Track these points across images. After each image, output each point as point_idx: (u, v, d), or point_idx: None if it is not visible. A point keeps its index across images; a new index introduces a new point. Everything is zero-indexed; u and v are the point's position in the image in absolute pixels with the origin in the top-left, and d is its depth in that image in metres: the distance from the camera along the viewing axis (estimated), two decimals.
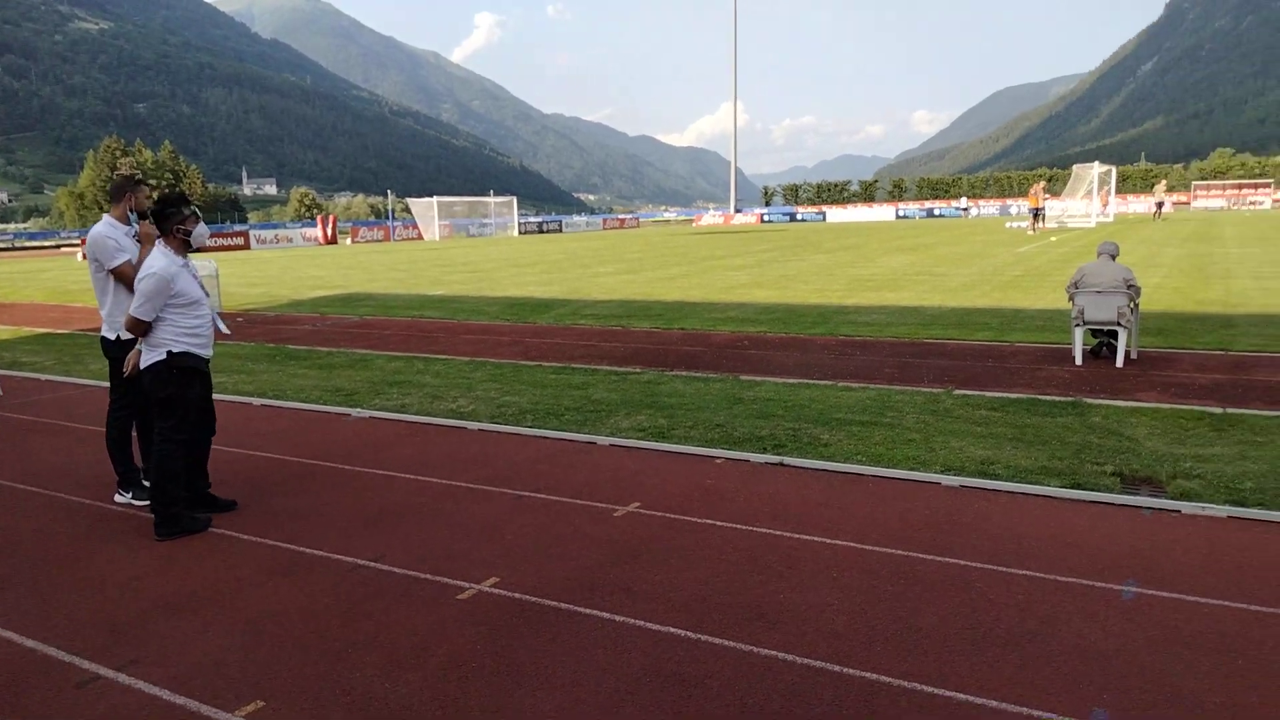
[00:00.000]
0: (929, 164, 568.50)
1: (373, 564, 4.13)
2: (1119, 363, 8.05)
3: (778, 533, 4.38)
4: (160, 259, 4.55)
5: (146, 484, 4.99)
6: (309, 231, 52.59)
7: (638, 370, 8.68)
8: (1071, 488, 4.90)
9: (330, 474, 5.61)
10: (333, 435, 6.59)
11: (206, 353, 4.73)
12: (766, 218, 69.71)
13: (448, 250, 37.94)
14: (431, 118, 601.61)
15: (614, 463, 5.65)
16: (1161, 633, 3.27)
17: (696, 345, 10.20)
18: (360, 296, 17.53)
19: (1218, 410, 6.38)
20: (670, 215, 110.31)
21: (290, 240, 50.60)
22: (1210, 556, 3.94)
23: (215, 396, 5.06)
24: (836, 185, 72.86)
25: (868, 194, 71.11)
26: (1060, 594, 3.63)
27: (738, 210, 73.18)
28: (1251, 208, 52.88)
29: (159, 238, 4.67)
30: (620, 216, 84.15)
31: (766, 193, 75.93)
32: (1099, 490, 4.85)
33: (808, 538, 4.30)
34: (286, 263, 31.68)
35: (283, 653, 3.32)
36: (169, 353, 4.53)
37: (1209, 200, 55.81)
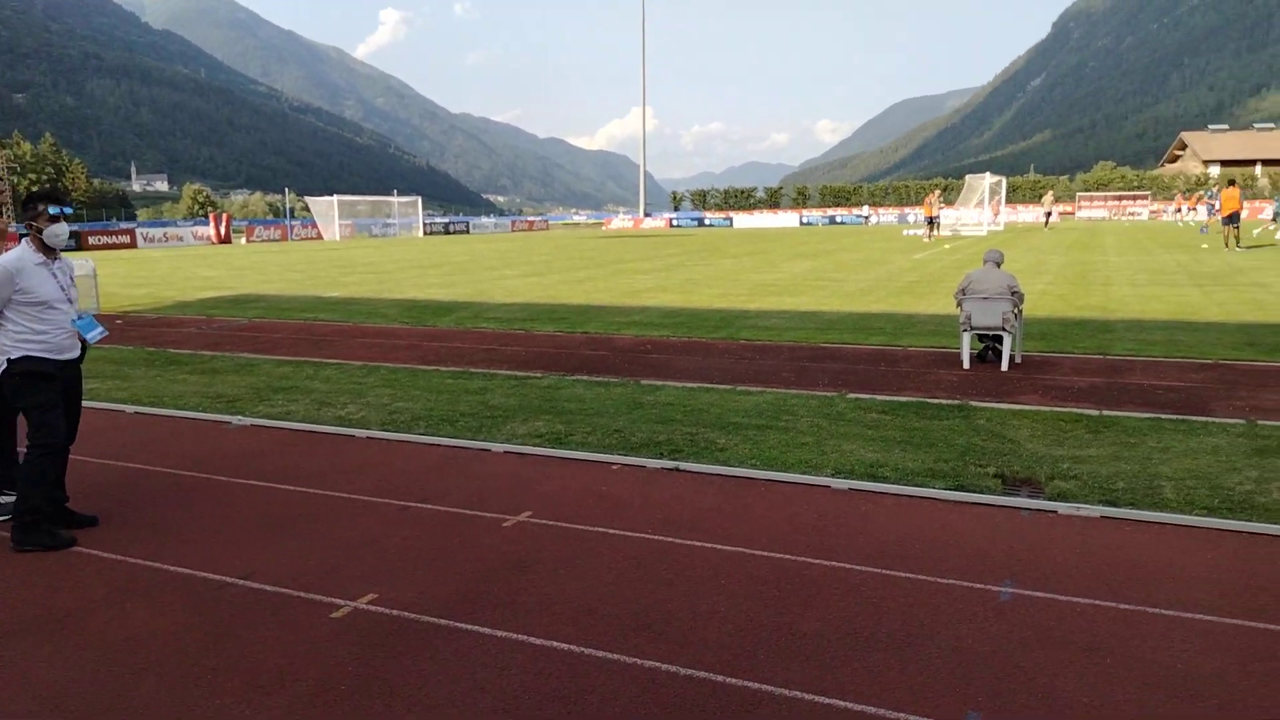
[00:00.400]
0: (832, 172, 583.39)
1: (241, 582, 3.91)
2: (1004, 367, 8.33)
3: (669, 540, 4.33)
4: (11, 254, 4.30)
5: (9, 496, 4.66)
6: (201, 230, 50.48)
7: (538, 375, 8.56)
8: (955, 489, 5.01)
9: (203, 485, 5.32)
10: (210, 444, 6.26)
11: (60, 356, 4.43)
12: (675, 222, 70.27)
13: (348, 251, 36.93)
14: (334, 115, 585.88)
15: (507, 470, 5.53)
16: (1035, 633, 3.35)
17: (600, 349, 10.13)
18: (251, 298, 16.85)
19: (1094, 413, 6.65)
20: (580, 218, 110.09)
21: (180, 239, 48.45)
22: (1083, 556, 4.06)
23: (85, 404, 4.74)
24: (743, 191, 73.98)
25: (773, 200, 72.43)
26: (940, 595, 3.68)
27: (647, 214, 73.57)
28: (1130, 218, 55.95)
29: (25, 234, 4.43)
30: (530, 219, 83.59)
31: (676, 197, 76.54)
32: (981, 492, 4.97)
33: (698, 544, 4.27)
34: (175, 262, 30.31)
35: (136, 679, 3.09)
36: (8, 360, 4.26)
37: (1092, 210, 58.82)
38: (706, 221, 69.19)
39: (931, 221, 34.95)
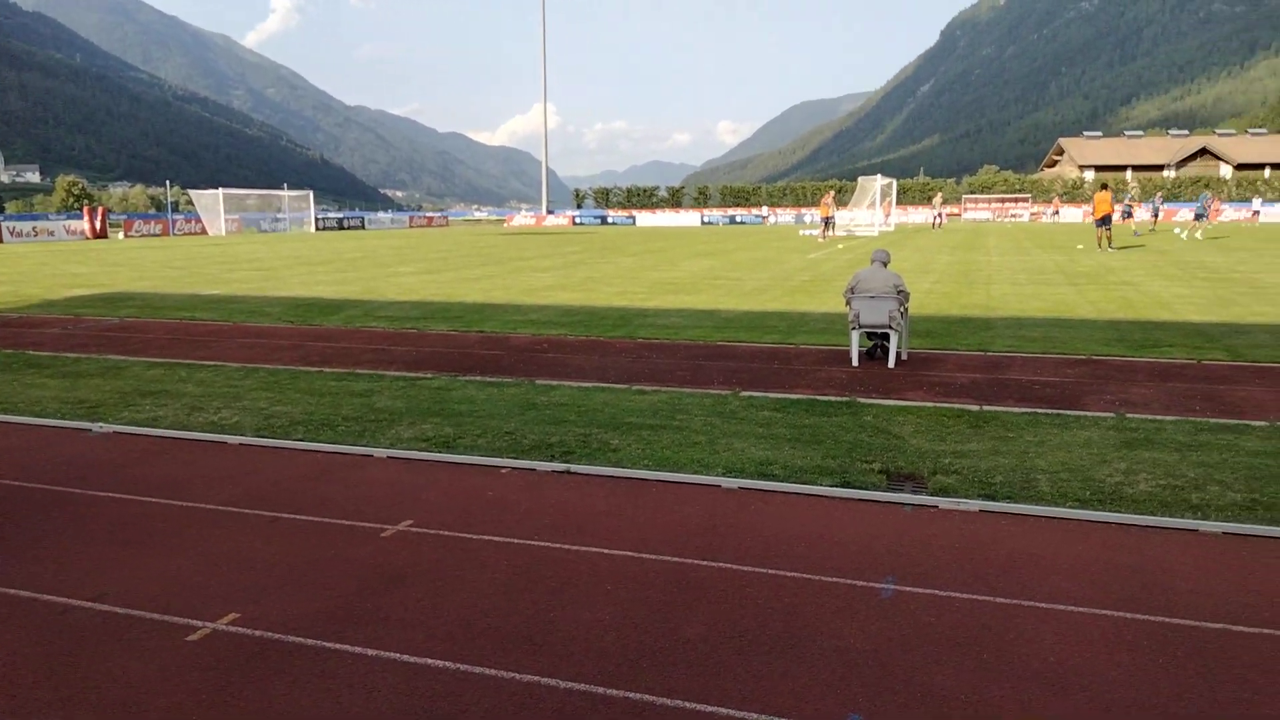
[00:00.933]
0: (732, 173, 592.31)
1: (90, 605, 3.61)
2: (890, 364, 8.52)
3: (556, 545, 4.22)
4: None
5: None
6: (74, 224, 47.54)
7: (429, 375, 8.31)
8: (842, 486, 5.06)
9: (57, 499, 4.92)
10: (67, 454, 5.82)
11: None
12: (578, 220, 70.04)
13: (233, 246, 35.40)
14: (221, 104, 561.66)
15: (390, 477, 5.31)
16: (916, 630, 3.37)
17: (494, 349, 9.93)
18: (124, 296, 15.92)
19: (975, 408, 6.85)
20: (482, 214, 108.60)
21: (51, 233, 45.54)
22: (962, 550, 4.14)
23: None
24: (646, 190, 74.27)
25: (676, 200, 72.95)
26: (825, 594, 3.68)
27: (550, 211, 73.09)
28: (1012, 219, 58.57)
29: None
30: (429, 214, 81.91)
31: (579, 195, 76.24)
32: (867, 488, 5.03)
33: (586, 549, 4.17)
34: (44, 258, 28.44)
35: None
36: None
37: (977, 212, 61.33)
38: (610, 219, 69.22)
39: (827, 222, 35.79)
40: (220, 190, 52.53)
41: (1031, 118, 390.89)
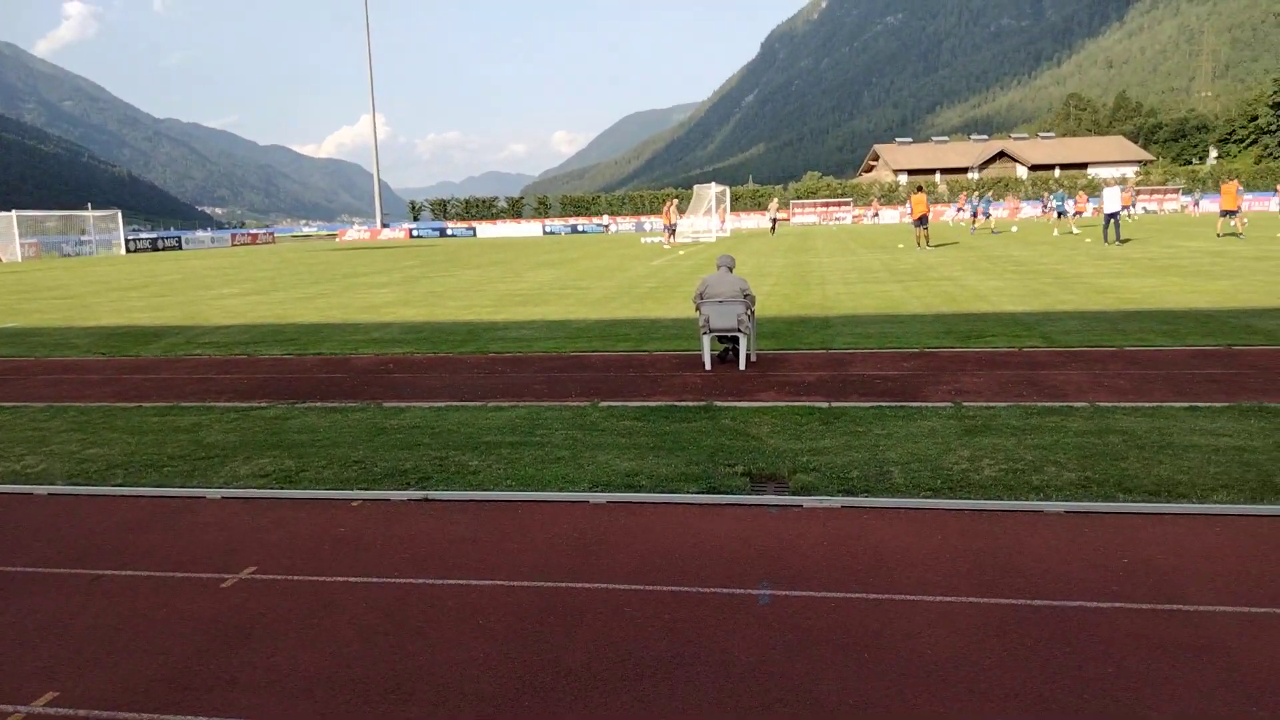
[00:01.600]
0: (570, 182, 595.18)
1: None
2: (741, 366, 8.66)
3: (419, 581, 3.97)
4: None
5: None
6: None
7: (263, 405, 7.76)
8: (708, 492, 5.05)
9: None
10: None
11: None
12: (416, 233, 68.20)
13: (32, 274, 32.26)
14: (11, 119, 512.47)
15: (226, 520, 4.87)
16: (796, 635, 3.36)
17: (335, 371, 9.41)
18: None
19: (825, 405, 7.03)
20: (310, 230, 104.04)
21: None
22: (830, 549, 4.19)
23: None
24: (485, 201, 73.21)
25: (515, 210, 72.30)
26: (703, 607, 3.62)
27: (385, 225, 70.81)
28: (836, 222, 61.58)
29: None
30: (252, 231, 77.62)
31: (414, 207, 74.20)
32: (732, 492, 5.03)
33: (452, 582, 3.94)
34: None
35: None
36: None
37: (804, 216, 64.11)
38: (449, 232, 67.80)
39: (672, 229, 36.43)
40: (14, 213, 47.80)
41: (848, 125, 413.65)
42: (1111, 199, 25.35)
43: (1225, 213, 26.32)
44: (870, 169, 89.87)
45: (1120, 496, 4.71)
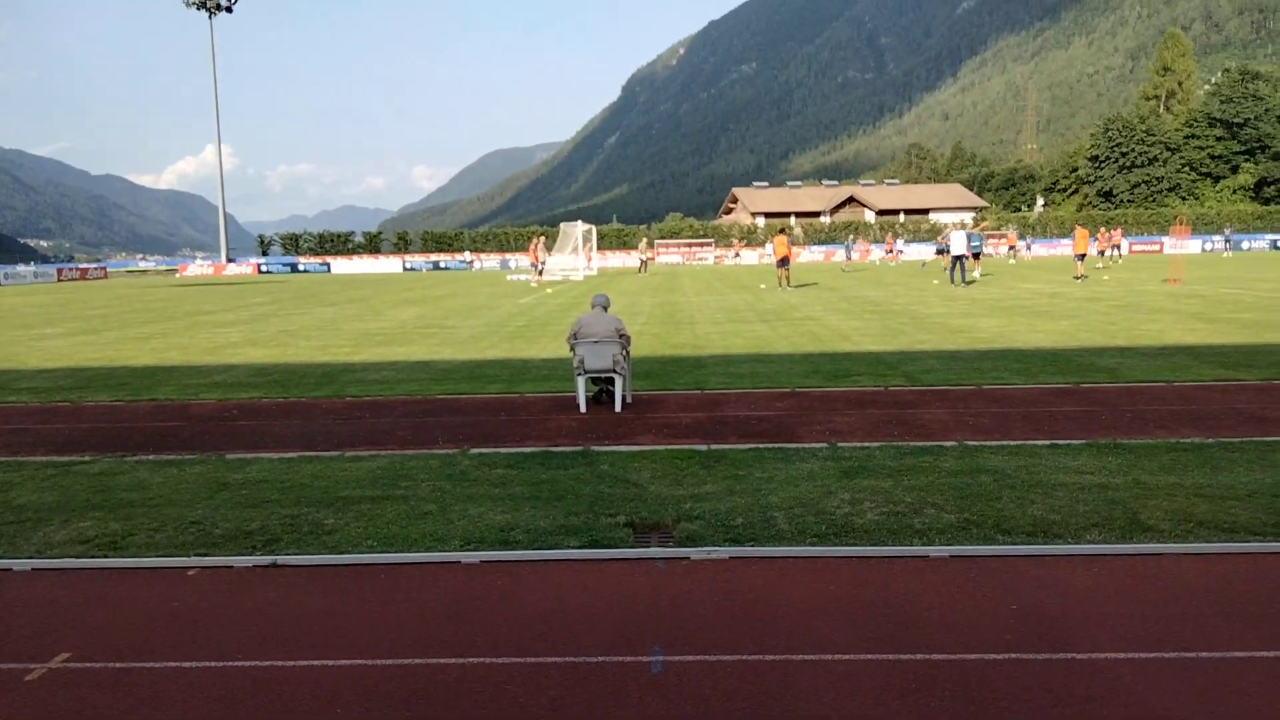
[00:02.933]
0: (431, 218, 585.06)
1: None
2: (617, 408, 8.44)
3: (266, 664, 3.49)
4: None
5: None
6: None
7: (87, 458, 6.94)
8: (590, 546, 4.76)
9: None
10: None
11: None
12: (265, 268, 65.10)
13: None
14: None
15: (37, 596, 4.21)
16: (694, 706, 3.11)
17: (171, 419, 8.59)
18: None
19: (704, 448, 6.88)
20: (148, 265, 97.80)
21: None
22: (723, 605, 3.97)
23: None
24: (340, 236, 70.72)
25: (373, 246, 70.18)
26: (592, 679, 3.32)
27: (231, 260, 67.26)
28: (699, 262, 62.89)
29: None
30: (82, 266, 72.11)
31: (263, 241, 70.86)
32: (615, 546, 4.76)
33: (305, 663, 3.48)
34: None
35: None
36: None
37: (669, 256, 65.16)
38: (301, 267, 65.07)
39: (537, 267, 36.12)
40: None
41: (707, 169, 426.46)
42: (958, 242, 26.85)
43: (1079, 256, 28.35)
44: (729, 211, 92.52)
45: (1000, 538, 4.73)
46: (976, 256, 33.90)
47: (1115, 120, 79.45)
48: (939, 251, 37.98)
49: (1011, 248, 48.37)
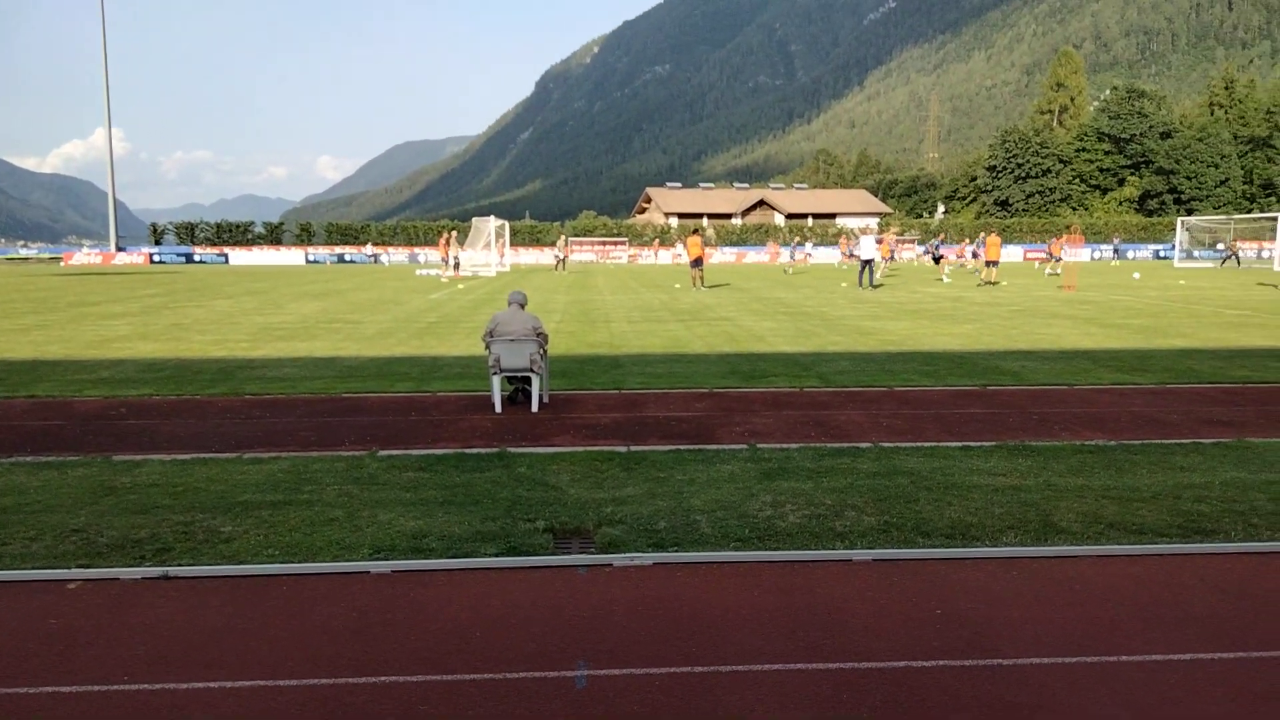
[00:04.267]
0: (336, 209, 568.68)
1: None
2: (534, 408, 8.24)
3: (157, 687, 3.20)
4: None
5: None
6: None
7: None
8: (508, 553, 4.58)
9: None
10: None
11: None
12: (158, 258, 62.07)
13: None
14: None
15: None
16: None
17: (53, 417, 8.00)
18: None
19: (624, 449, 6.76)
20: (30, 252, 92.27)
21: None
22: (648, 615, 3.85)
23: None
24: (239, 226, 67.94)
25: (274, 237, 67.66)
26: (513, 698, 3.15)
27: (121, 249, 63.89)
28: (613, 261, 62.84)
29: None
30: None
31: (156, 230, 67.52)
32: (535, 553, 4.59)
33: (200, 685, 3.21)
34: None
35: None
36: None
37: (583, 254, 64.90)
38: (197, 258, 62.32)
39: (449, 261, 35.40)
40: None
41: (621, 168, 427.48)
42: (867, 247, 27.46)
43: (990, 263, 29.44)
44: (643, 210, 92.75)
45: (920, 541, 4.74)
46: (938, 260, 34.81)
47: (1012, 132, 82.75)
48: (851, 255, 38.70)
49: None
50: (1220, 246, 50.81)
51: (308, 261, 62.71)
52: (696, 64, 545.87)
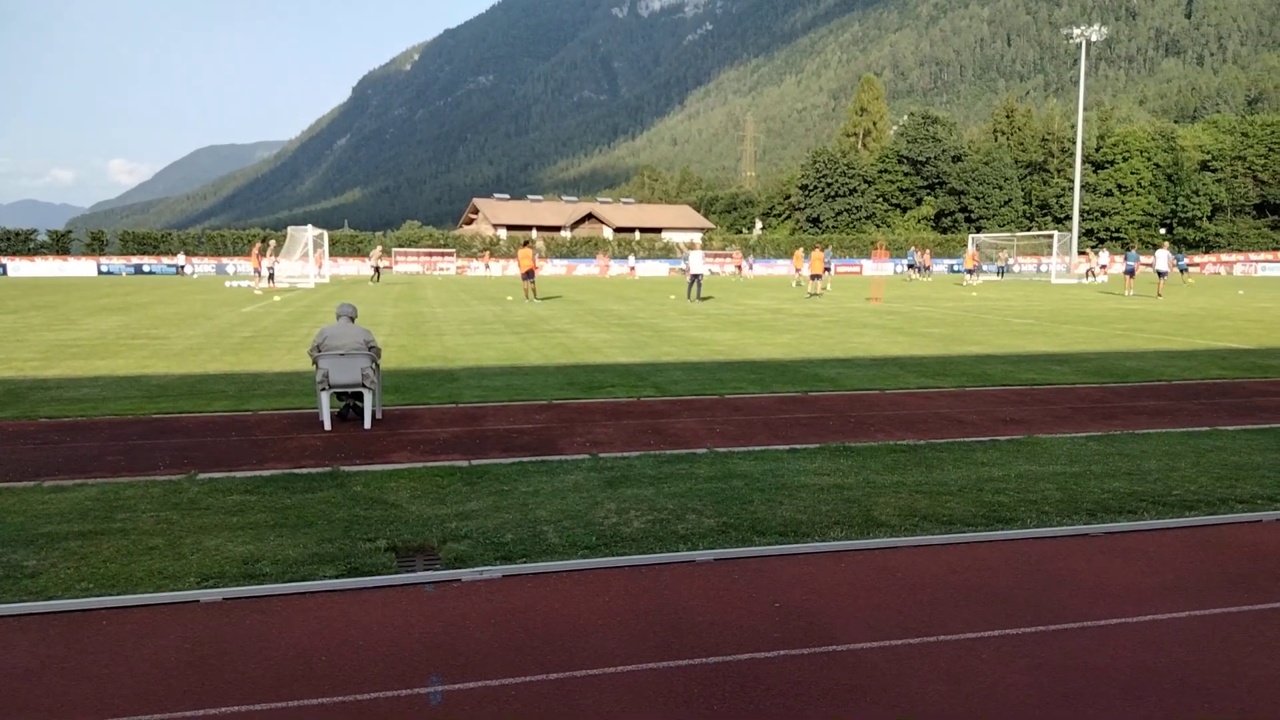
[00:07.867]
0: (132, 216, 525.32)
1: None
2: (367, 424, 8.00)
3: None
4: None
5: None
6: None
7: None
8: (349, 574, 4.45)
9: None
10: None
11: None
12: None
13: None
14: None
15: None
16: None
17: None
18: None
19: (465, 464, 6.69)
20: None
21: None
22: (501, 627, 3.85)
23: None
24: (20, 233, 61.61)
25: (61, 246, 61.80)
26: (366, 716, 3.08)
27: None
28: (441, 273, 61.58)
29: None
30: None
31: None
32: (377, 573, 4.48)
33: None
34: None
35: None
36: None
37: (408, 265, 63.20)
38: None
39: (265, 273, 33.54)
40: None
41: (445, 178, 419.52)
42: (696, 262, 28.32)
43: (814, 276, 30.97)
44: (470, 221, 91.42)
45: (757, 539, 4.99)
46: (915, 268, 36.14)
47: (821, 154, 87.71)
48: (682, 270, 39.68)
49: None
50: (1001, 262, 55.79)
51: (101, 273, 57.70)
52: (521, 76, 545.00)
